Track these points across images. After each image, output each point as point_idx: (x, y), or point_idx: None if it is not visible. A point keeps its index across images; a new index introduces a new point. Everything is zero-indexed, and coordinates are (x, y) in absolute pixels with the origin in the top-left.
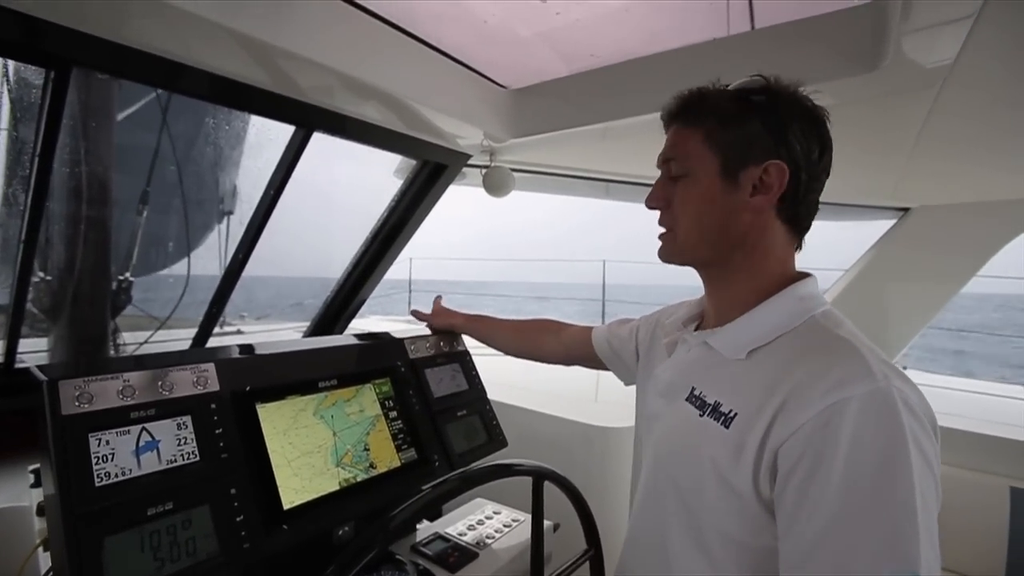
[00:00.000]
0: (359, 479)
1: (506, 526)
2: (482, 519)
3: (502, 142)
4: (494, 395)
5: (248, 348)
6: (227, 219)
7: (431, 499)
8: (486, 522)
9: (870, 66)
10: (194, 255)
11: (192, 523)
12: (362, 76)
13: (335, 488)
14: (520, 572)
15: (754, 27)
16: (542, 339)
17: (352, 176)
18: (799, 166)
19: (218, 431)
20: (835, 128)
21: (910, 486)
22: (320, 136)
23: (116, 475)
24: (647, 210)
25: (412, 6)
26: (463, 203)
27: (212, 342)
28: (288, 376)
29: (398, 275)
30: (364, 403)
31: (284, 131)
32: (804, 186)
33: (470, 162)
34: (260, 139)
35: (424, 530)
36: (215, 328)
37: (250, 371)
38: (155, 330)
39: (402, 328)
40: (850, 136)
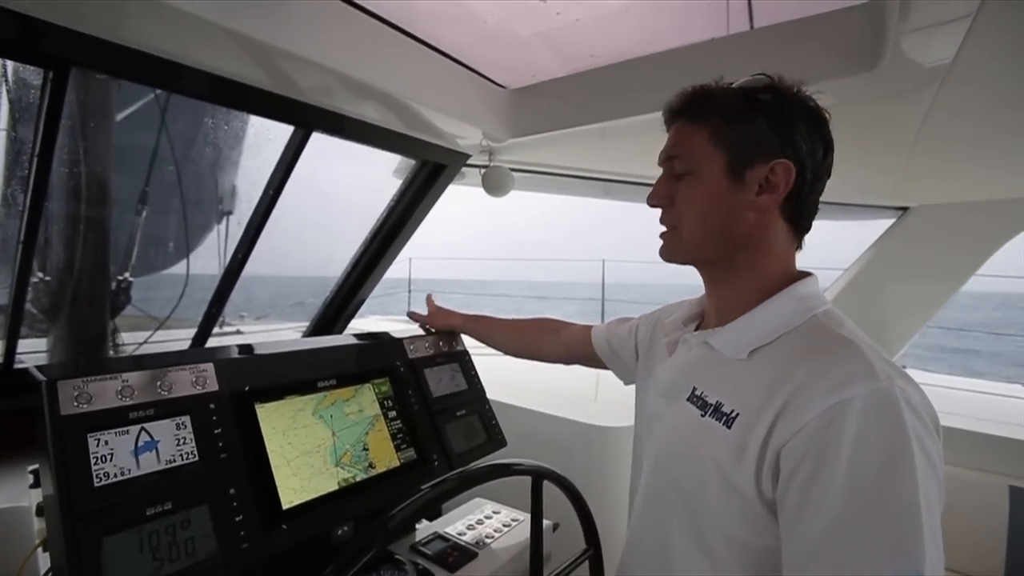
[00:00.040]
0: (358, 479)
1: (505, 526)
2: (481, 519)
3: (501, 142)
4: (493, 395)
5: (247, 348)
6: (226, 219)
7: (430, 499)
8: (485, 522)
9: (868, 65)
10: (193, 255)
11: (191, 523)
12: (361, 76)
13: (334, 488)
14: (519, 572)
15: (753, 27)
16: (542, 338)
17: (351, 176)
18: (804, 166)
19: (217, 431)
20: (834, 128)
21: (914, 485)
22: (319, 136)
23: (115, 475)
24: (646, 210)
25: (411, 6)
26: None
27: (211, 342)
28: (287, 376)
29: (398, 274)
30: (363, 403)
31: (283, 131)
32: (808, 186)
33: (469, 162)
34: (259, 139)
35: (423, 530)
36: (214, 328)
37: (249, 371)
38: (154, 330)
39: (401, 328)
40: (849, 136)
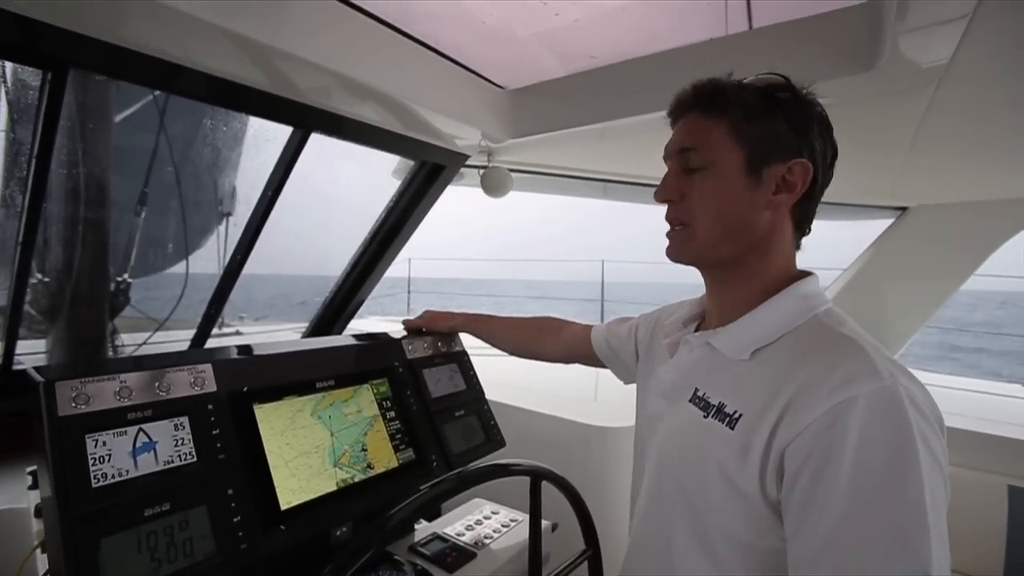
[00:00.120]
0: (357, 479)
1: (504, 526)
2: (480, 519)
3: (500, 142)
4: (492, 395)
5: (246, 349)
6: (225, 220)
7: (428, 499)
8: (484, 522)
9: (866, 65)
10: (192, 256)
11: (189, 524)
12: (360, 77)
13: (333, 488)
14: (518, 572)
15: (752, 27)
16: (541, 338)
17: (350, 176)
18: (818, 166)
19: (215, 432)
20: (833, 127)
21: (919, 485)
22: (318, 136)
23: (113, 476)
24: (642, 209)
25: (410, 6)
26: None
27: (211, 343)
28: (285, 377)
29: (398, 273)
30: (362, 403)
31: (282, 132)
32: (819, 187)
33: (468, 162)
34: (258, 140)
35: (422, 530)
36: (213, 329)
37: (247, 372)
38: (153, 331)
39: (400, 329)
40: (847, 135)
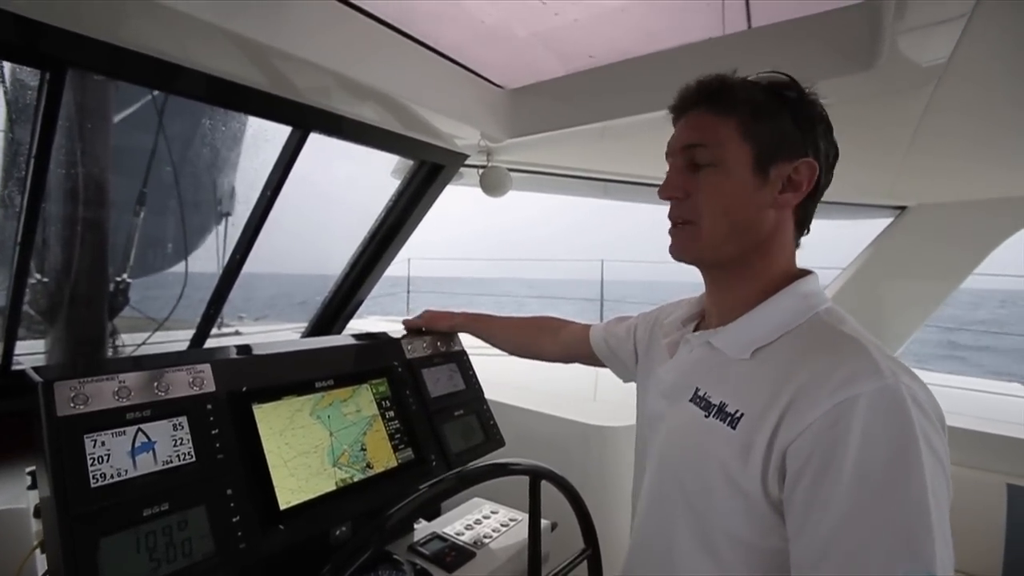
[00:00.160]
0: (356, 479)
1: (503, 525)
2: (479, 518)
3: (499, 142)
4: (492, 395)
5: (245, 349)
6: (224, 220)
7: (427, 498)
8: (483, 521)
9: (865, 64)
10: (192, 256)
11: (188, 524)
12: (359, 76)
13: (332, 488)
14: (518, 571)
15: (751, 26)
16: (541, 338)
17: (350, 176)
18: (822, 166)
19: (214, 432)
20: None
21: (922, 484)
22: (317, 136)
23: (112, 476)
24: (641, 208)
25: (409, 6)
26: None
27: (210, 343)
28: (284, 376)
29: (399, 272)
30: (361, 403)
31: (281, 132)
32: (822, 187)
33: (467, 162)
34: (257, 140)
35: (421, 530)
36: (213, 329)
37: (246, 372)
38: (152, 331)
39: (400, 328)
40: (846, 134)
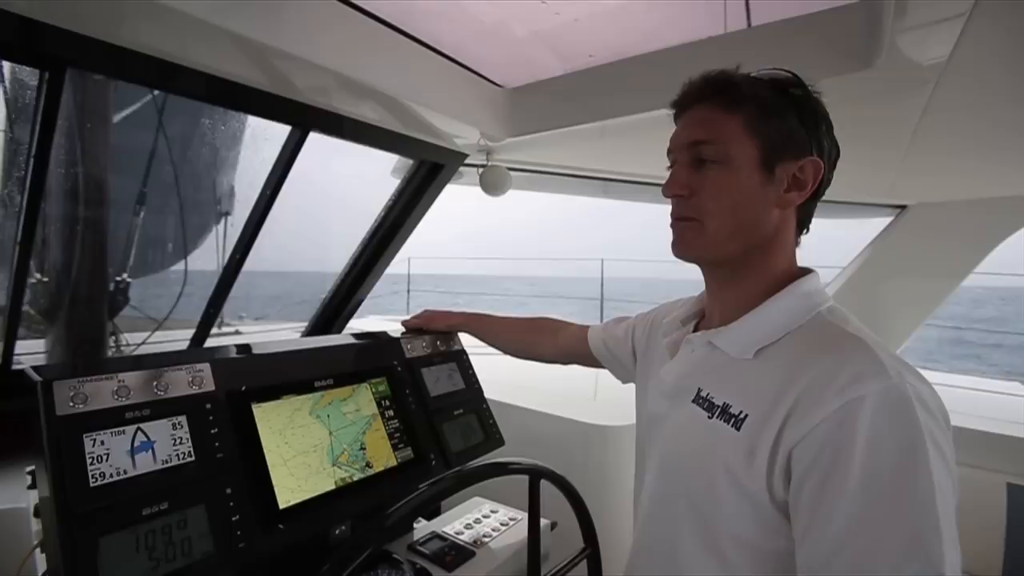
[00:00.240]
0: (355, 478)
1: (503, 525)
2: (479, 518)
3: (499, 141)
4: (491, 394)
5: (244, 348)
6: (224, 219)
7: (427, 497)
8: (483, 521)
9: (865, 63)
10: (191, 255)
11: (187, 523)
12: (358, 76)
13: (331, 487)
14: (517, 571)
15: (750, 24)
16: (539, 340)
17: (350, 175)
18: (825, 165)
19: (214, 431)
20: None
21: (930, 484)
22: (316, 136)
23: (111, 475)
24: (640, 206)
25: (409, 5)
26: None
27: (210, 342)
28: (284, 376)
29: (399, 270)
30: (360, 402)
31: (281, 131)
32: (825, 186)
33: (467, 161)
34: (256, 139)
35: (421, 529)
36: (213, 328)
37: (246, 371)
38: (152, 331)
39: (399, 327)
40: (846, 133)
